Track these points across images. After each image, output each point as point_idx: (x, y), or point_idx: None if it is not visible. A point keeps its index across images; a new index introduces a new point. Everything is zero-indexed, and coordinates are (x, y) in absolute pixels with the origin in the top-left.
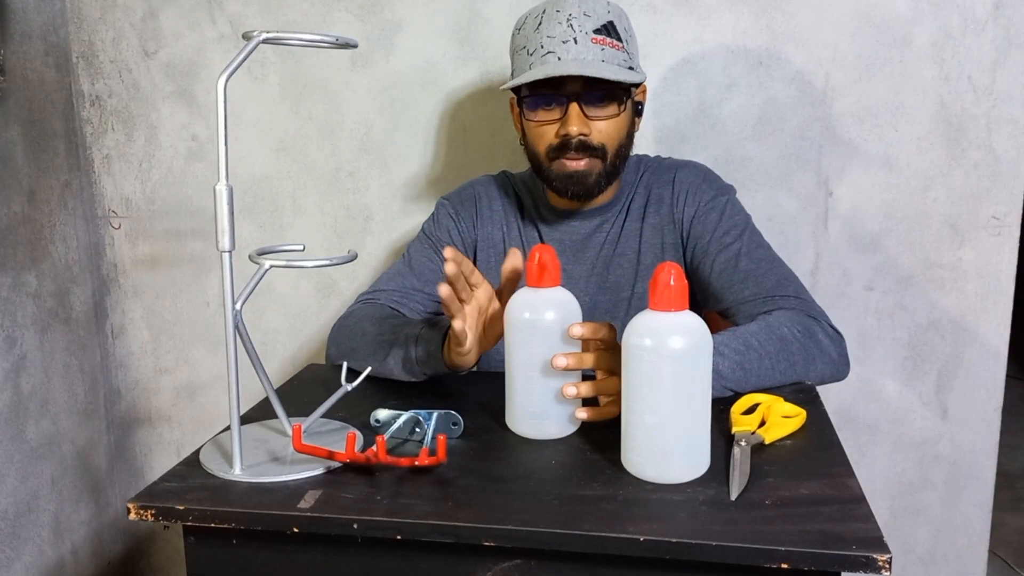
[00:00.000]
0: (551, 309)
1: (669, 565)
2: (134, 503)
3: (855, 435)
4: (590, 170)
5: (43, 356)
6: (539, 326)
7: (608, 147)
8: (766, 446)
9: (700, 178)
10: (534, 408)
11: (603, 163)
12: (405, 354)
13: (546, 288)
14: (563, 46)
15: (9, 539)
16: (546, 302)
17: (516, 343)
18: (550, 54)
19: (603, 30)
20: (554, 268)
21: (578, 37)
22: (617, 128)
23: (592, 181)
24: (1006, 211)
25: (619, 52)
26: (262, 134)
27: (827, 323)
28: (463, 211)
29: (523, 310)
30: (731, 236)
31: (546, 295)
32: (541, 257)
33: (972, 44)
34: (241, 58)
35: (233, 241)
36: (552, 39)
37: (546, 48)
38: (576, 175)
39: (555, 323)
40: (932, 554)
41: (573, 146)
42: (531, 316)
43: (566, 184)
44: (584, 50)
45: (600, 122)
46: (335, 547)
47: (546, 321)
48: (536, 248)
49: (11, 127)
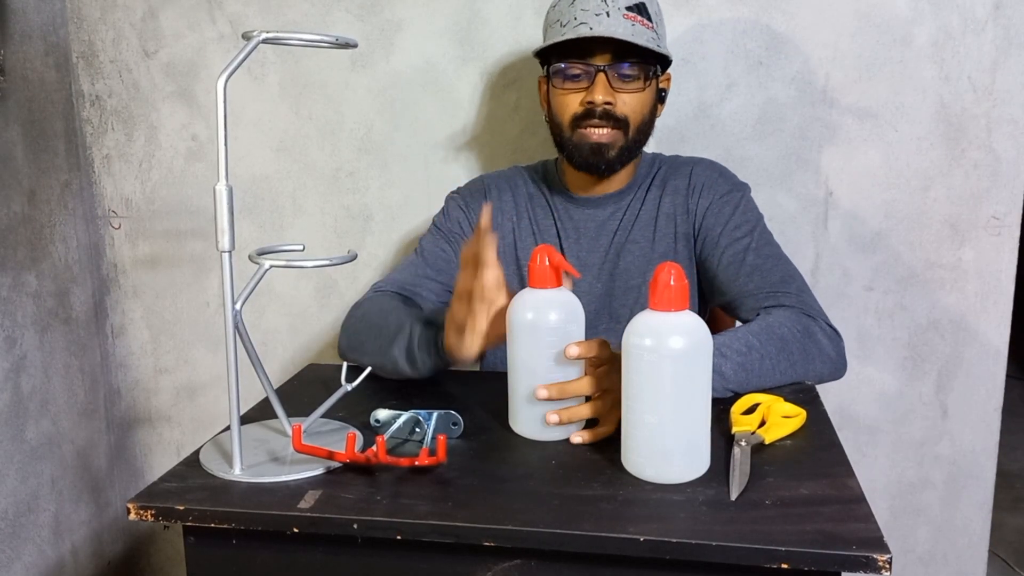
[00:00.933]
0: (553, 310)
1: (669, 565)
2: (134, 503)
3: (855, 435)
4: (612, 142)
5: (43, 356)
6: (541, 327)
7: (631, 120)
8: (766, 446)
9: (717, 173)
10: (536, 409)
11: (625, 136)
12: (408, 348)
13: (548, 289)
14: (595, 18)
15: (9, 539)
16: (548, 303)
17: (518, 344)
18: (582, 25)
19: (635, 8)
20: (556, 269)
21: (611, 11)
22: (641, 102)
23: (613, 155)
24: (1006, 211)
25: (648, 31)
26: (262, 134)
27: (825, 322)
28: (472, 203)
29: (526, 311)
30: (742, 231)
31: (548, 296)
32: (543, 258)
33: (972, 44)
34: (241, 58)
35: (233, 241)
36: (585, 11)
37: (579, 20)
38: (597, 147)
39: (558, 324)
40: (932, 554)
41: (597, 114)
42: (533, 317)
43: (586, 155)
44: (615, 23)
45: (625, 94)
46: (335, 547)
47: (549, 322)
48: (538, 249)
49: (11, 127)
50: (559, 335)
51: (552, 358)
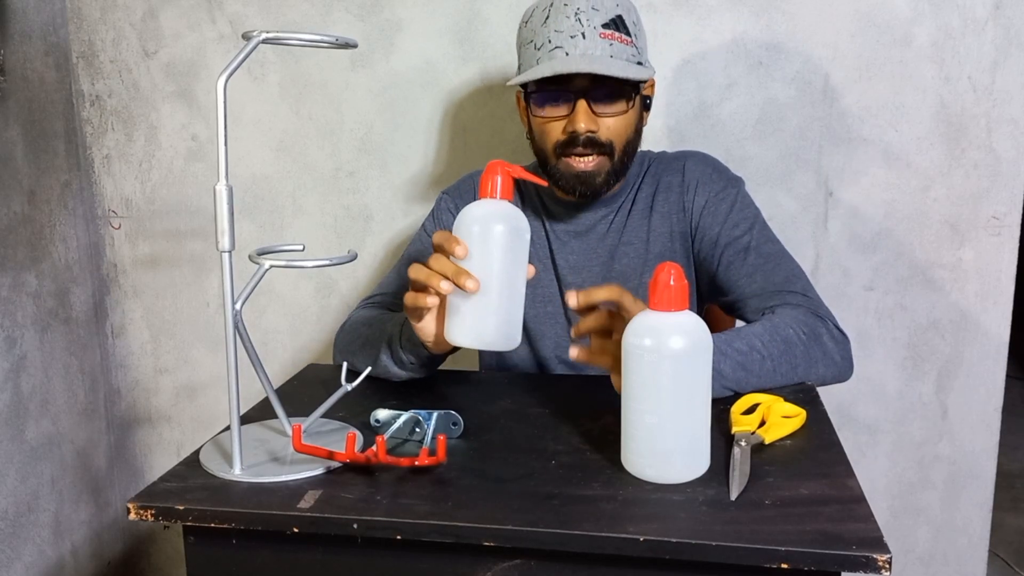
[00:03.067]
0: (500, 222)
1: (669, 565)
2: (134, 503)
3: (855, 435)
4: (598, 170)
5: (43, 356)
6: (488, 237)
7: (616, 144)
8: (766, 446)
9: (711, 168)
10: (504, 316)
11: (611, 161)
12: (392, 350)
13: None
14: (571, 41)
15: (9, 539)
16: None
17: (476, 256)
18: (558, 49)
19: (612, 24)
20: (506, 184)
21: (586, 32)
22: (625, 124)
23: (600, 181)
24: (1006, 211)
25: (627, 47)
26: (262, 134)
27: (833, 324)
28: (463, 204)
29: (472, 224)
30: (740, 229)
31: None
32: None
33: (972, 44)
34: (241, 58)
35: (233, 241)
36: (560, 33)
37: (554, 43)
38: (583, 175)
39: (503, 234)
40: (932, 554)
41: (580, 142)
42: (478, 229)
43: (573, 184)
44: (592, 45)
45: (608, 119)
46: (335, 547)
47: (495, 233)
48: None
49: (11, 127)
50: (502, 245)
51: (500, 268)
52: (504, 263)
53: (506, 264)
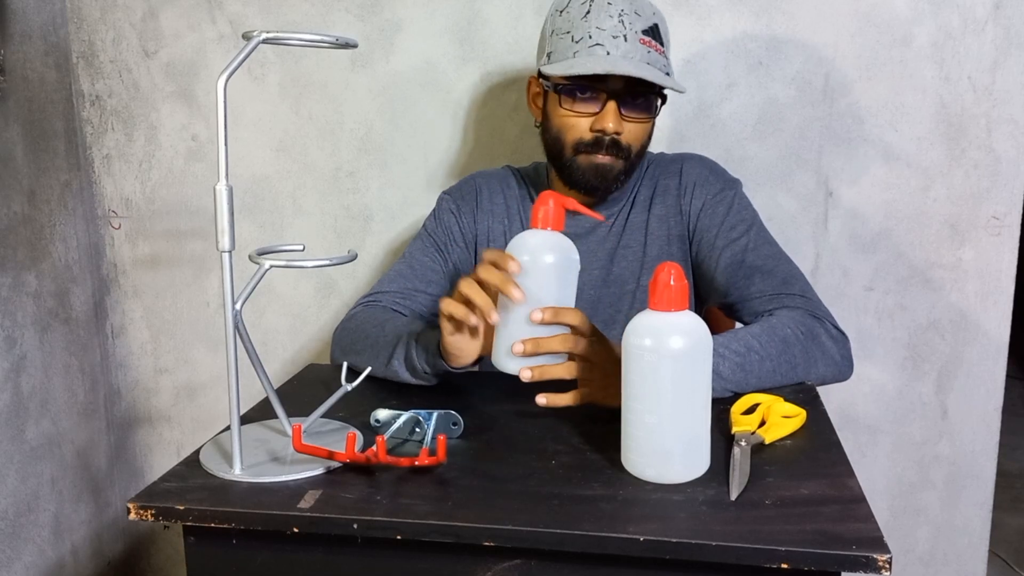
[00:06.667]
0: (550, 252)
1: (669, 565)
2: (134, 503)
3: (855, 435)
4: (613, 165)
5: (43, 356)
6: (537, 267)
7: (633, 149)
8: (766, 446)
9: (707, 170)
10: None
11: (625, 163)
12: (407, 357)
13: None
14: (613, 41)
15: (9, 539)
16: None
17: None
18: (598, 46)
19: (650, 32)
20: (558, 214)
21: (628, 35)
22: (645, 132)
23: (613, 176)
24: (1006, 211)
25: (661, 56)
26: (262, 134)
27: (831, 324)
28: (464, 205)
29: (522, 253)
30: (738, 231)
31: (547, 239)
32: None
33: (972, 44)
34: (241, 58)
35: (233, 241)
36: (602, 31)
37: (595, 39)
38: (602, 168)
39: (553, 266)
40: (932, 554)
41: (606, 144)
42: (528, 259)
43: (589, 177)
44: (633, 49)
45: (633, 124)
46: (335, 547)
47: (544, 263)
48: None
49: (11, 127)
50: (553, 276)
51: (540, 295)
52: (555, 291)
53: (556, 293)
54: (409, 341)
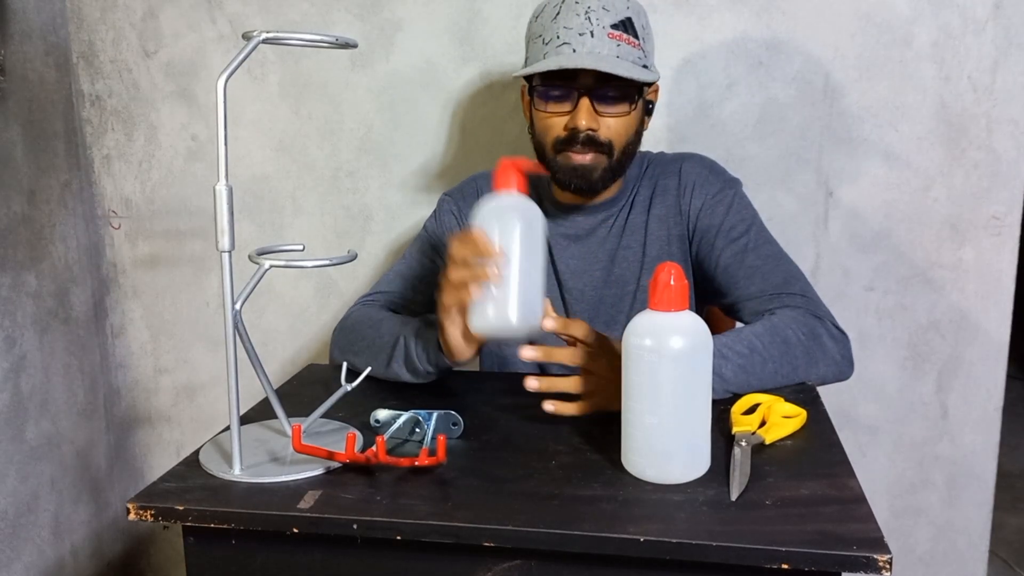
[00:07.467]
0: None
1: (669, 565)
2: (134, 503)
3: (855, 435)
4: (595, 165)
5: (43, 356)
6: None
7: (615, 144)
8: (766, 446)
9: (707, 170)
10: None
11: (608, 159)
12: (407, 358)
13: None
14: (579, 38)
15: (9, 539)
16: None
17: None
18: (565, 45)
19: (620, 26)
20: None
21: (595, 30)
22: (626, 126)
23: (596, 176)
24: (1006, 211)
25: (634, 49)
26: (262, 134)
27: (832, 323)
28: (465, 207)
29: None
30: (738, 231)
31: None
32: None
33: (972, 44)
34: (241, 58)
35: (233, 241)
36: (569, 30)
37: (562, 39)
38: (580, 169)
39: (521, 224)
40: (932, 554)
41: (580, 140)
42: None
43: (570, 177)
44: (600, 44)
45: (609, 119)
46: (335, 547)
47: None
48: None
49: (11, 127)
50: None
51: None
52: (518, 250)
53: (521, 251)
54: (408, 341)
